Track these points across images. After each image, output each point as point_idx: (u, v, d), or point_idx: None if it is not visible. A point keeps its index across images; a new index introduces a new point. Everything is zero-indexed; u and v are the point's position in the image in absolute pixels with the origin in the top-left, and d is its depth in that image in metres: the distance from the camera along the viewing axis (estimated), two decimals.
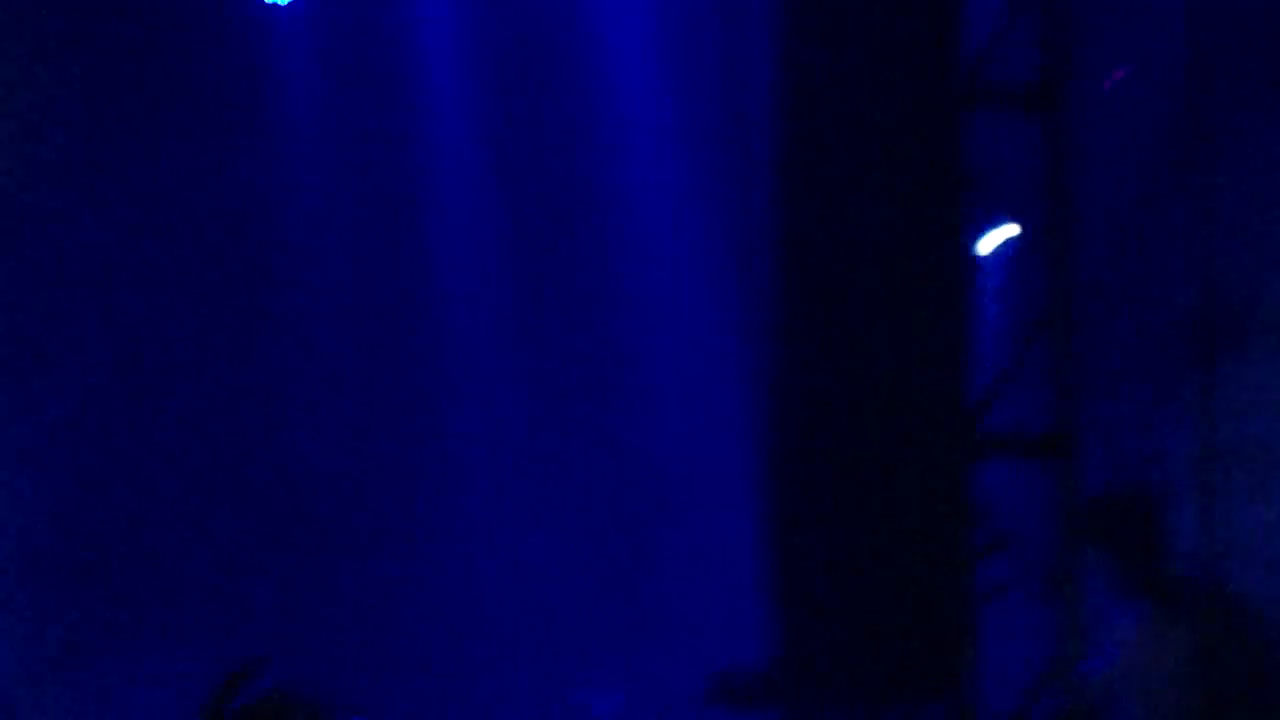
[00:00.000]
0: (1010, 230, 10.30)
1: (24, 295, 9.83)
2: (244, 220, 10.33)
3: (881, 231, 4.79)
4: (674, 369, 11.00)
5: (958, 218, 4.82)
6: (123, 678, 9.90)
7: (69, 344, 9.97)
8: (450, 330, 10.88)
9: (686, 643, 10.35)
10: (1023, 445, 5.15)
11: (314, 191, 10.53)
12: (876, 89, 4.79)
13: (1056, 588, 5.05)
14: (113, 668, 9.94)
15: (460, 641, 10.49)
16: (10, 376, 9.77)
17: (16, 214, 9.73)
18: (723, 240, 9.34)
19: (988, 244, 11.32)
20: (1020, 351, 5.07)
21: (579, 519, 10.79)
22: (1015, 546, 5.04)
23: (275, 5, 10.24)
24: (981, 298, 10.24)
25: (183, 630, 9.95)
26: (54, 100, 9.79)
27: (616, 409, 10.92)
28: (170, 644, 9.88)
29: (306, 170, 10.53)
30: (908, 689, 4.87)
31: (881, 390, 4.77)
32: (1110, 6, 9.70)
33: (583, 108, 10.72)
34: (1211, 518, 5.75)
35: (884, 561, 4.78)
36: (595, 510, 10.84)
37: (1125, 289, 11.54)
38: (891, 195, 4.78)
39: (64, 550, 9.86)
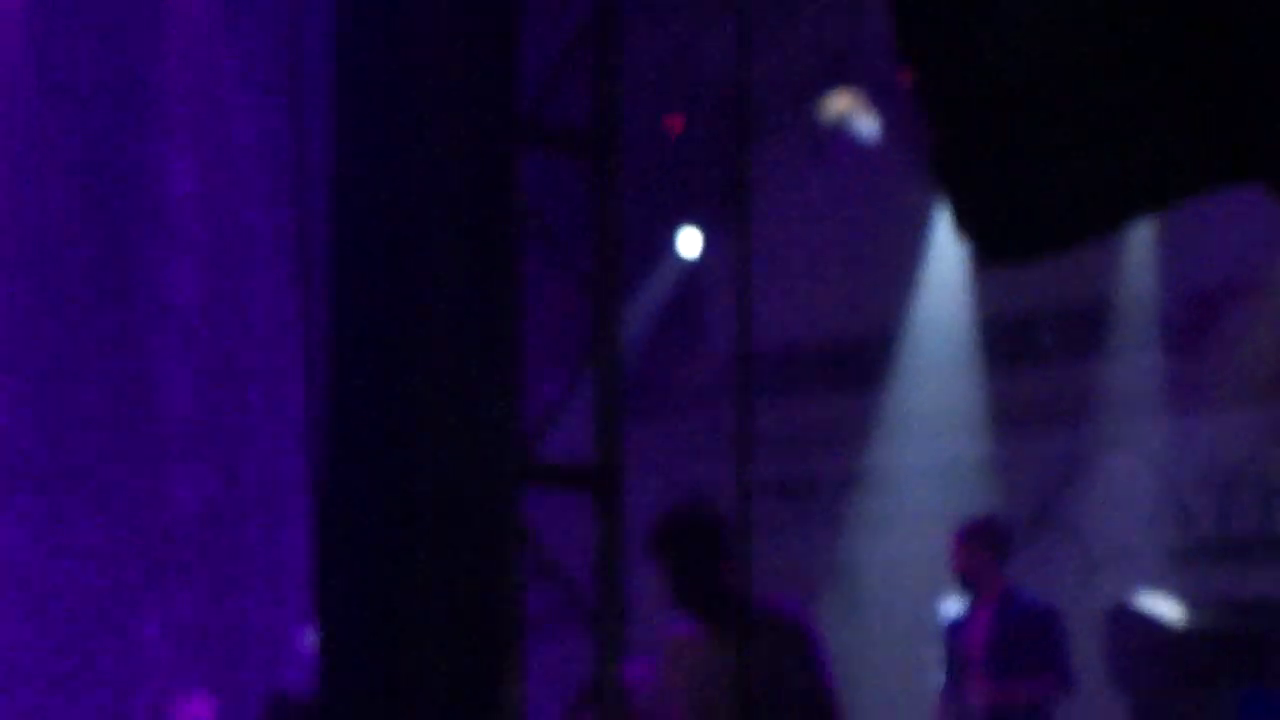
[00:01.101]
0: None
1: None
2: None
3: (436, 265, 4.89)
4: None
5: (509, 254, 4.96)
6: None
7: None
8: None
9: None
10: (571, 475, 5.32)
11: None
12: (433, 127, 4.90)
13: (599, 613, 5.22)
14: None
15: None
16: None
17: None
18: (286, 253, 9.42)
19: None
20: (570, 384, 5.25)
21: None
22: (563, 574, 5.19)
23: None
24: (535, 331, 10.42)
25: None
26: None
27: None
28: None
29: None
30: (452, 714, 4.96)
31: (433, 419, 4.87)
32: (660, 57, 10.03)
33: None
34: (749, 547, 6.00)
35: (431, 588, 4.86)
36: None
37: (681, 324, 11.92)
38: (445, 231, 4.89)
39: None
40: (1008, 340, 11.15)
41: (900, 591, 11.07)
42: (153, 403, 10.95)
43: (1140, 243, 10.56)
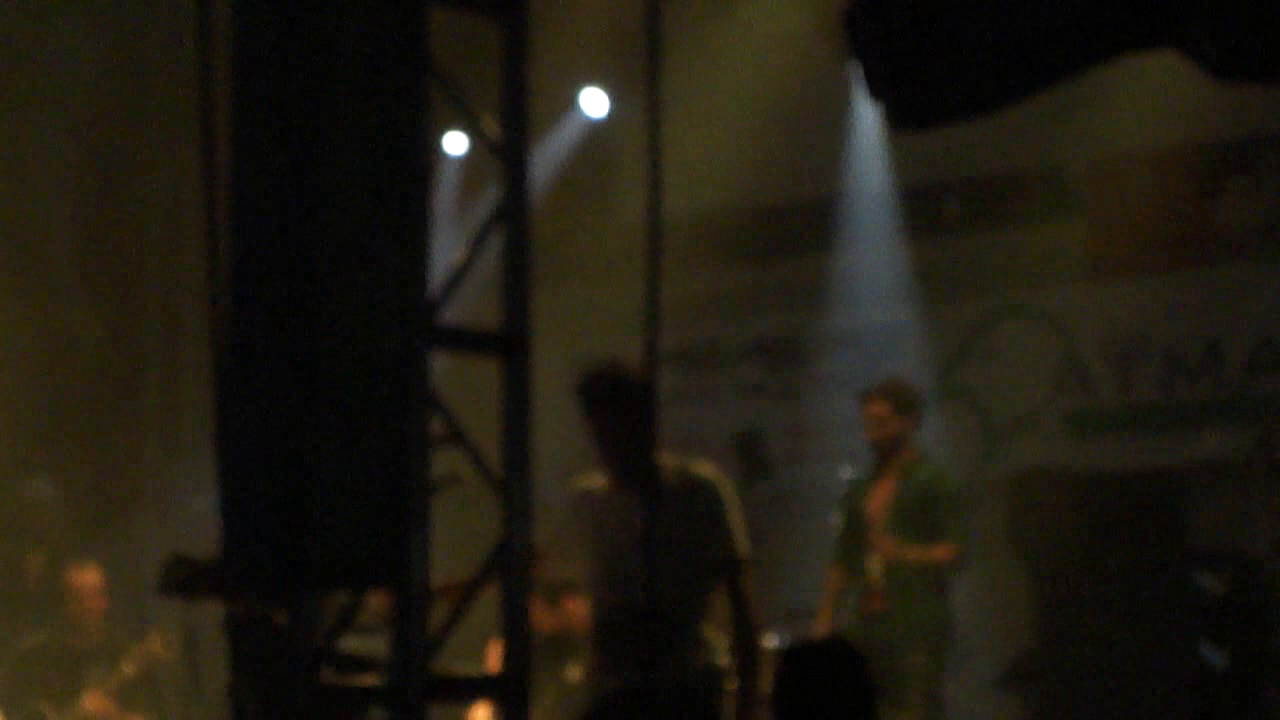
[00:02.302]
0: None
1: None
2: None
3: (342, 125, 4.81)
4: None
5: (418, 115, 4.88)
6: None
7: None
8: None
9: None
10: (479, 339, 5.27)
11: None
12: None
13: (506, 478, 5.20)
14: None
15: None
16: None
17: None
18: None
19: (449, 143, 11.49)
20: (474, 248, 5.18)
21: None
22: (469, 439, 5.16)
23: None
24: (441, 194, 10.33)
25: None
26: None
27: None
28: None
29: None
30: (357, 574, 4.94)
31: (338, 280, 4.80)
32: None
33: None
34: (657, 416, 6.02)
35: (337, 451, 4.82)
36: None
37: (587, 187, 11.83)
38: (350, 87, 4.80)
39: None
40: (917, 209, 11.17)
41: (807, 457, 11.13)
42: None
43: (1040, 110, 10.56)
